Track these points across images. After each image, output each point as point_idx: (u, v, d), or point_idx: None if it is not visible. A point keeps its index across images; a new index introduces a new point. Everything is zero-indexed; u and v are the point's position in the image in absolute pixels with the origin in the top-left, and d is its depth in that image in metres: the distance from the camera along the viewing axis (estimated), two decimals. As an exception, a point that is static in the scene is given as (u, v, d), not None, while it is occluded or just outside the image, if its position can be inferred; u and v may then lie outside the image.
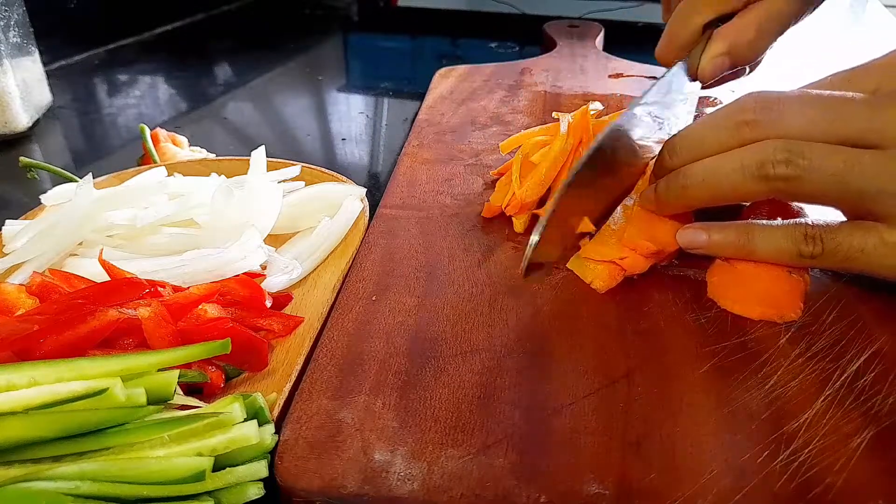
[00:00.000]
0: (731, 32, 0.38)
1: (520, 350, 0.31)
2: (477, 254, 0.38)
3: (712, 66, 0.39)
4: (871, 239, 0.30)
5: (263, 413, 0.26)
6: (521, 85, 0.66)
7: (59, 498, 0.21)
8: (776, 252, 0.32)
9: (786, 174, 0.30)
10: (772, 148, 0.30)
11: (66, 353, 0.28)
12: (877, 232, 0.30)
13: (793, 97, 0.31)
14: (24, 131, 0.60)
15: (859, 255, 0.30)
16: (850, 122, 0.30)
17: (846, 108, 0.30)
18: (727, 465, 0.25)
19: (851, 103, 0.30)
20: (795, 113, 0.30)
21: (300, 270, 0.37)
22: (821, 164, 0.29)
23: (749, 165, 0.30)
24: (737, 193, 0.32)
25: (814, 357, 0.30)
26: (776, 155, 0.30)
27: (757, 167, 0.30)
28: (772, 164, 0.30)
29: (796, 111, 0.30)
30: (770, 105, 0.31)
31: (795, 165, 0.29)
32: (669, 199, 0.34)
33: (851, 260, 0.31)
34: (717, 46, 0.39)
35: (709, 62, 0.39)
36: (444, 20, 1.10)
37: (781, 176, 0.30)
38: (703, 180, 0.32)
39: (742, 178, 0.31)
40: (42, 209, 0.42)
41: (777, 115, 0.31)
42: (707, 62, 0.39)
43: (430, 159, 0.50)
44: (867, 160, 0.29)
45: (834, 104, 0.30)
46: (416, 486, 0.24)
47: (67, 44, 0.82)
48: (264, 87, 0.78)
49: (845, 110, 0.30)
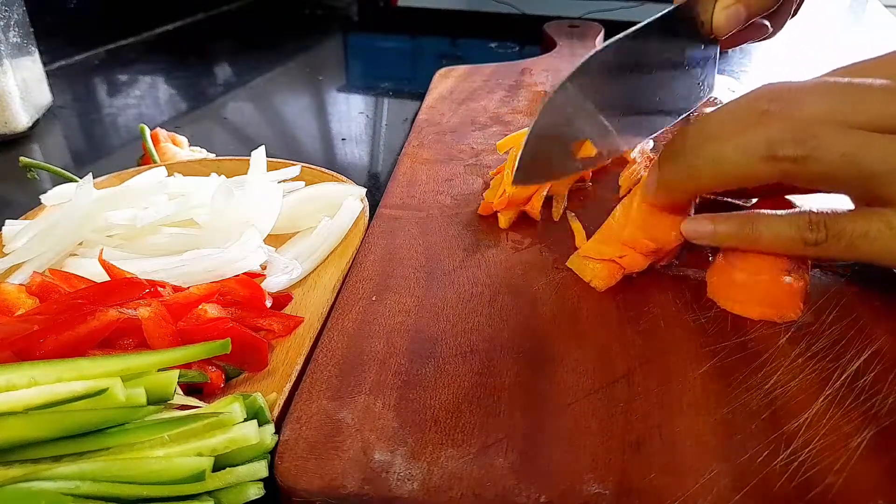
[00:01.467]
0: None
1: (520, 350, 0.31)
2: (477, 254, 0.38)
3: (726, 17, 0.36)
4: (877, 224, 0.29)
5: (263, 413, 0.26)
6: (521, 85, 0.66)
7: (59, 498, 0.21)
8: (780, 240, 0.32)
9: (794, 154, 0.29)
10: (780, 128, 0.29)
11: (66, 353, 0.28)
12: (883, 217, 0.29)
13: (809, 86, 0.30)
14: (24, 131, 0.60)
15: (863, 241, 0.30)
16: (868, 109, 0.29)
17: (863, 95, 0.29)
18: (727, 465, 0.25)
19: (869, 90, 0.29)
20: (811, 102, 0.30)
21: (300, 270, 0.37)
22: (831, 144, 0.28)
23: (757, 146, 0.30)
24: (745, 176, 0.31)
25: (814, 357, 0.30)
26: (784, 134, 0.29)
27: (765, 148, 0.29)
28: (780, 144, 0.29)
29: (812, 100, 0.30)
30: (785, 95, 0.30)
31: (804, 145, 0.29)
32: (675, 185, 0.33)
33: (856, 246, 0.30)
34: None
35: (721, 12, 0.36)
36: (444, 20, 1.10)
37: (790, 156, 0.29)
38: (711, 162, 0.31)
39: (750, 160, 0.30)
40: (42, 209, 0.42)
41: (793, 104, 0.30)
42: (720, 12, 0.36)
43: (430, 159, 0.50)
44: (880, 142, 0.28)
45: (851, 91, 0.30)
46: (416, 486, 0.24)
47: (67, 44, 0.82)
48: (264, 87, 0.78)
49: (863, 97, 0.29)
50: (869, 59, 0.31)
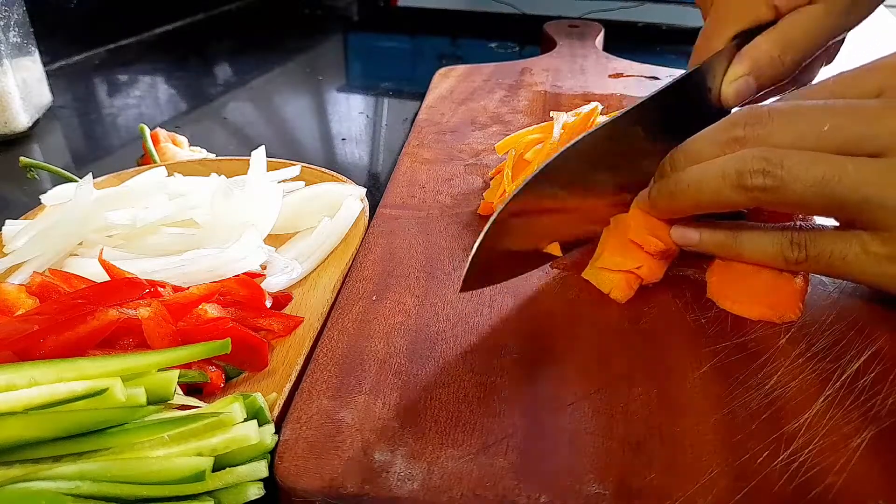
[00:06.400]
0: (754, 49, 0.34)
1: (520, 350, 0.31)
2: (477, 254, 0.38)
3: (734, 90, 0.35)
4: (853, 248, 0.29)
5: (263, 413, 0.26)
6: (521, 85, 0.66)
7: (59, 498, 0.21)
8: (762, 256, 0.32)
9: (763, 185, 0.29)
10: (750, 157, 0.29)
11: (66, 353, 0.28)
12: (860, 240, 0.29)
13: (785, 110, 0.30)
14: (24, 131, 0.60)
15: (841, 264, 0.30)
16: (841, 132, 0.28)
17: (837, 117, 0.29)
18: (727, 465, 0.25)
19: (844, 111, 0.29)
20: (782, 127, 0.30)
21: (300, 270, 0.37)
22: (800, 173, 0.28)
23: (729, 174, 0.30)
24: (720, 202, 0.31)
25: (814, 357, 0.30)
26: (753, 164, 0.29)
27: (736, 176, 0.29)
28: (749, 175, 0.29)
29: (783, 125, 0.30)
30: (761, 119, 0.30)
31: (773, 176, 0.28)
32: (659, 205, 0.34)
33: (834, 267, 0.30)
34: (737, 67, 0.35)
35: (729, 85, 0.35)
36: (444, 20, 1.10)
37: (759, 186, 0.29)
38: (687, 187, 0.32)
39: (722, 187, 0.30)
40: (42, 209, 0.42)
41: (767, 129, 0.30)
42: (727, 85, 0.35)
43: (430, 159, 0.50)
44: (851, 169, 0.28)
45: (824, 113, 0.29)
46: (416, 486, 0.24)
47: (67, 44, 0.82)
48: (264, 87, 0.78)
49: (836, 119, 0.29)
50: (861, 67, 0.31)
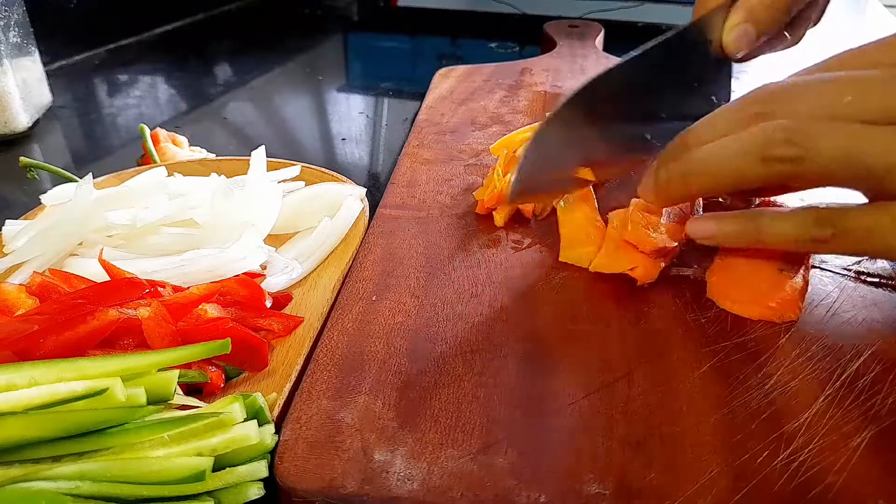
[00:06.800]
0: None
1: (520, 350, 0.31)
2: (477, 254, 0.38)
3: (735, 37, 0.35)
4: (885, 218, 0.28)
5: (263, 413, 0.26)
6: (521, 85, 0.66)
7: (59, 498, 0.21)
8: (787, 238, 0.31)
9: (788, 154, 0.28)
10: (772, 128, 0.28)
11: (66, 353, 0.28)
12: (888, 212, 0.28)
13: (801, 83, 0.30)
14: (24, 131, 0.60)
15: (871, 237, 0.29)
16: (863, 100, 0.28)
17: (858, 86, 0.28)
18: (727, 464, 0.25)
19: (864, 81, 0.28)
20: (804, 99, 0.29)
21: (300, 270, 0.37)
22: (825, 141, 0.27)
23: (750, 148, 0.29)
24: (739, 180, 0.30)
25: (814, 357, 0.30)
26: (777, 134, 0.28)
27: (759, 149, 0.28)
28: (773, 145, 0.28)
29: (804, 97, 0.29)
30: (777, 95, 0.30)
31: (797, 145, 0.28)
32: (669, 189, 0.33)
33: (864, 242, 0.29)
34: (734, 16, 0.35)
35: (728, 33, 0.35)
36: (444, 20, 1.10)
37: (783, 157, 0.28)
38: (703, 166, 0.31)
39: (743, 163, 0.29)
40: (42, 209, 0.42)
41: (785, 104, 0.29)
42: (727, 34, 0.35)
43: (430, 159, 0.50)
44: (876, 135, 0.27)
45: (845, 84, 0.29)
46: (415, 486, 0.24)
47: (67, 44, 0.82)
48: (264, 87, 0.78)
49: (857, 88, 0.28)
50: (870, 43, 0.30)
